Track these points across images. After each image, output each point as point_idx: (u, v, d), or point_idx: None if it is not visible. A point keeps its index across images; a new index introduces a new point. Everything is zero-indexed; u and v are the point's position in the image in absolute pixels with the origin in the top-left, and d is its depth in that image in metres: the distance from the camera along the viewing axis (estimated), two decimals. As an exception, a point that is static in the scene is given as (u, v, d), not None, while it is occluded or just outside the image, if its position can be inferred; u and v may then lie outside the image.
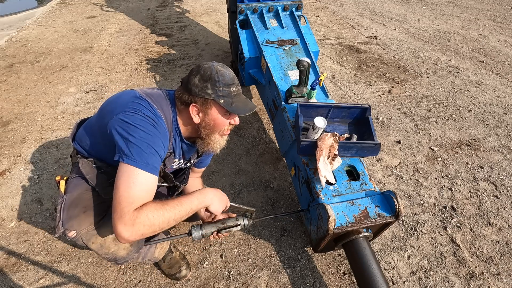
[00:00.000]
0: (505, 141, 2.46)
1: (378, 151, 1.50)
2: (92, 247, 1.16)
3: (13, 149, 2.26)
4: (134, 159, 0.98)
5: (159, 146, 1.05)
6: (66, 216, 1.13)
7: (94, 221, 1.15)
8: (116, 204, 0.95)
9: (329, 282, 1.51)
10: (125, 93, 1.17)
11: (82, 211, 1.15)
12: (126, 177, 0.97)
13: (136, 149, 0.99)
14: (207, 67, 1.11)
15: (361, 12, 5.68)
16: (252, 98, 2.97)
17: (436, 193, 2.00)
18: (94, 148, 1.22)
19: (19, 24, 4.65)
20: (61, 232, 1.12)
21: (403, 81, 3.32)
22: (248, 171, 2.14)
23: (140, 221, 0.94)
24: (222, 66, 1.14)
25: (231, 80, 1.13)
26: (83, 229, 1.13)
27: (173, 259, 1.52)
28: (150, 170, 1.01)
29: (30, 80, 3.17)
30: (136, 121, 1.02)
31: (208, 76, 1.09)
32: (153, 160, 1.02)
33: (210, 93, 1.09)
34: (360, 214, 1.32)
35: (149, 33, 4.50)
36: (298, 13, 2.54)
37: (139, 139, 1.00)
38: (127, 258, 1.27)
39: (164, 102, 1.16)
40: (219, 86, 1.09)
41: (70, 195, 1.19)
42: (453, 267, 1.58)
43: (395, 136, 2.50)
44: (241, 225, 1.34)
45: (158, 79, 3.25)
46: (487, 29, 4.87)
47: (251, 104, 1.21)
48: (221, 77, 1.10)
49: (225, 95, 1.11)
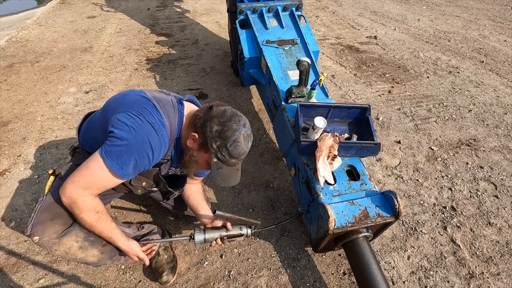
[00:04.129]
0: (505, 141, 2.46)
1: (378, 151, 1.50)
2: (57, 253, 1.19)
3: (13, 149, 2.26)
4: (111, 159, 1.01)
5: (143, 156, 1.04)
6: (36, 220, 1.14)
7: (58, 230, 1.16)
8: (75, 179, 1.04)
9: (329, 282, 1.51)
10: (133, 92, 1.15)
11: (50, 219, 1.15)
12: (95, 165, 1.02)
13: (118, 152, 1.01)
14: (234, 128, 1.07)
15: (361, 12, 5.68)
16: (252, 98, 2.97)
17: (436, 193, 2.00)
18: (94, 144, 1.21)
19: (19, 24, 4.65)
20: (27, 234, 1.14)
21: (403, 81, 3.32)
22: (248, 171, 2.14)
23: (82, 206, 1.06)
24: (245, 137, 1.10)
25: (238, 155, 1.10)
26: (46, 237, 1.14)
27: (158, 262, 1.47)
28: (120, 174, 1.04)
29: (30, 80, 3.17)
30: (133, 124, 1.01)
31: (225, 137, 1.06)
32: (128, 166, 1.04)
33: (213, 147, 1.08)
34: (360, 214, 1.32)
35: (149, 33, 4.50)
36: (298, 13, 2.53)
37: (125, 142, 1.01)
38: (99, 263, 1.31)
39: (171, 110, 1.13)
40: (224, 152, 1.08)
41: (47, 198, 1.20)
42: (453, 267, 1.58)
43: (395, 136, 2.50)
44: (244, 235, 1.35)
45: (158, 79, 3.25)
46: (487, 29, 4.86)
47: (234, 180, 1.20)
48: (232, 148, 1.07)
49: (222, 160, 1.10)
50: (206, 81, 3.25)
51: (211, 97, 2.98)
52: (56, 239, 1.16)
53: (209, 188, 1.99)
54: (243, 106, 2.85)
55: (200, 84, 3.19)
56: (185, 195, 1.50)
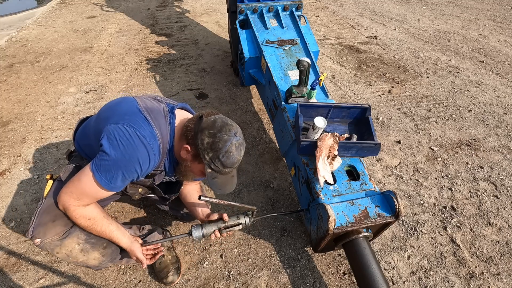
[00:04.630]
0: (505, 141, 2.46)
1: (378, 151, 1.50)
2: (58, 256, 1.19)
3: (13, 149, 2.26)
4: (99, 174, 1.04)
5: (130, 171, 1.06)
6: (37, 222, 1.15)
7: (59, 231, 1.16)
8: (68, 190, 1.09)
9: (329, 282, 1.51)
10: (125, 102, 1.15)
11: (51, 220, 1.16)
12: (86, 179, 1.06)
13: (106, 167, 1.04)
14: (224, 139, 1.05)
15: (361, 12, 5.68)
16: (252, 98, 2.97)
17: (436, 193, 2.00)
18: (89, 150, 1.23)
19: (19, 24, 4.65)
20: (29, 237, 1.14)
21: (403, 81, 3.32)
22: (248, 171, 2.14)
23: (73, 215, 1.12)
24: (237, 147, 1.09)
25: (232, 164, 1.10)
26: (47, 239, 1.14)
27: (163, 262, 1.48)
28: (109, 188, 1.07)
29: (30, 80, 3.17)
30: (122, 139, 1.02)
31: (216, 149, 1.05)
32: (116, 181, 1.06)
33: (206, 159, 1.07)
34: (360, 214, 1.32)
35: (149, 33, 4.50)
36: (298, 13, 2.53)
37: (113, 159, 1.03)
38: (100, 266, 1.32)
39: (163, 121, 1.13)
40: (217, 163, 1.07)
41: (47, 201, 1.20)
42: (453, 267, 1.58)
43: (395, 136, 2.50)
44: (243, 223, 1.33)
45: (158, 79, 3.25)
46: (487, 29, 4.86)
47: (230, 187, 1.20)
48: (225, 159, 1.06)
49: (216, 170, 1.10)
50: (206, 81, 3.25)
51: (211, 97, 2.98)
52: (58, 241, 1.16)
53: (209, 188, 1.99)
54: (243, 106, 2.85)
55: (200, 84, 3.19)
56: (182, 194, 1.50)
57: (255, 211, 1.36)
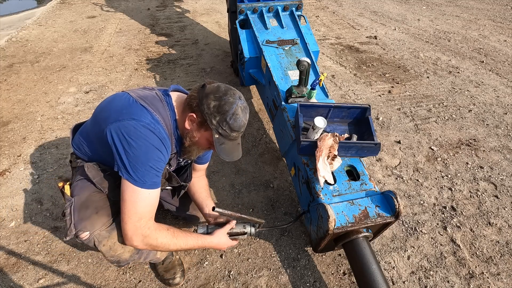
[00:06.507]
0: (505, 141, 2.46)
1: (378, 151, 1.50)
2: (102, 249, 1.15)
3: (13, 149, 2.26)
4: (132, 178, 1.01)
5: (155, 160, 1.04)
6: (78, 218, 1.12)
7: (105, 221, 1.15)
8: (126, 218, 1.03)
9: (329, 282, 1.51)
10: (117, 98, 1.13)
11: (94, 212, 1.14)
12: (130, 194, 1.02)
13: (133, 167, 1.01)
14: (230, 101, 1.07)
15: (361, 12, 5.68)
16: (252, 98, 2.97)
17: (436, 193, 2.00)
18: (95, 154, 1.21)
19: (19, 24, 4.65)
20: (73, 235, 1.11)
21: (403, 81, 3.32)
22: (248, 171, 2.14)
23: (148, 242, 1.07)
24: (243, 109, 1.11)
25: (239, 127, 1.11)
26: (96, 230, 1.12)
27: (171, 263, 1.49)
28: (148, 187, 1.04)
29: (30, 80, 3.17)
30: (131, 134, 1.00)
31: (223, 111, 1.06)
32: (150, 176, 1.04)
33: (213, 123, 1.07)
34: (360, 214, 1.32)
35: (149, 33, 4.50)
36: (298, 13, 2.54)
37: (133, 157, 1.00)
38: (129, 260, 1.28)
39: (160, 104, 1.12)
40: (224, 126, 1.08)
41: (78, 197, 1.17)
42: (453, 267, 1.58)
43: (395, 136, 2.50)
44: (248, 233, 1.35)
45: (158, 79, 3.25)
46: (487, 29, 4.86)
47: (237, 154, 1.20)
48: (232, 121, 1.07)
49: (224, 135, 1.10)
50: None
51: (211, 97, 2.98)
52: (106, 232, 1.14)
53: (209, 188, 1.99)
54: (243, 106, 2.84)
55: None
56: (191, 191, 1.49)
57: (263, 224, 1.37)
